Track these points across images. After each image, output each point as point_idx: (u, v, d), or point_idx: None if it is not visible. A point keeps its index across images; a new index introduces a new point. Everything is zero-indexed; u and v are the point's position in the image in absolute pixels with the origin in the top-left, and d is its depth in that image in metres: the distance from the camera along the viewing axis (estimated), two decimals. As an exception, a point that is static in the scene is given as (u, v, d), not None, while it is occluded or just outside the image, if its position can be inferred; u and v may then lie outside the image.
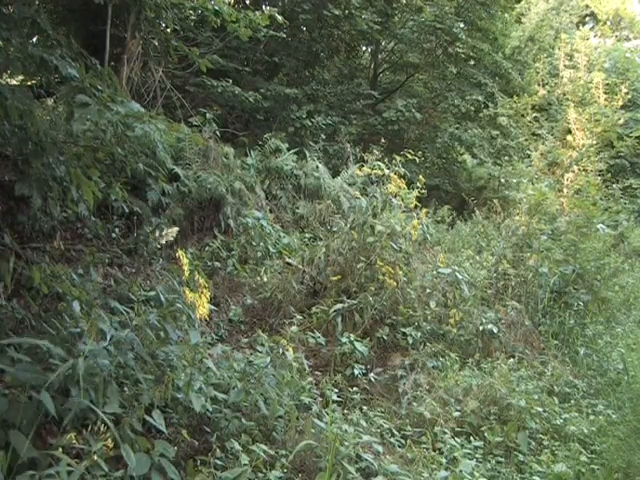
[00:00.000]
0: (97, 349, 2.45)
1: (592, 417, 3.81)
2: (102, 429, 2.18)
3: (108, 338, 2.54)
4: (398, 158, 5.88)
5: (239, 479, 2.27)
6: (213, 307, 4.44)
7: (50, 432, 2.35)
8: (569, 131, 11.50)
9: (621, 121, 11.53)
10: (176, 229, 4.89)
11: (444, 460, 3.09)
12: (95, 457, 2.06)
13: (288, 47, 10.46)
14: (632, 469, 3.08)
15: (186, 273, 3.00)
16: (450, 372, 4.10)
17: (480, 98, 12.45)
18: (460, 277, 5.15)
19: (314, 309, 4.78)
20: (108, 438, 2.14)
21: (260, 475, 2.47)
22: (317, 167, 8.15)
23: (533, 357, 4.64)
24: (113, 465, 2.18)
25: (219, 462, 2.49)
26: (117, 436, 2.17)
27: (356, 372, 4.08)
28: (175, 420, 2.74)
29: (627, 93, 11.70)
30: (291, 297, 4.98)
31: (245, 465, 2.43)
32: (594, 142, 10.98)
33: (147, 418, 2.42)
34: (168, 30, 7.05)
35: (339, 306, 4.61)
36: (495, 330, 4.65)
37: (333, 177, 8.41)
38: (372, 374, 4.11)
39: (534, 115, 12.90)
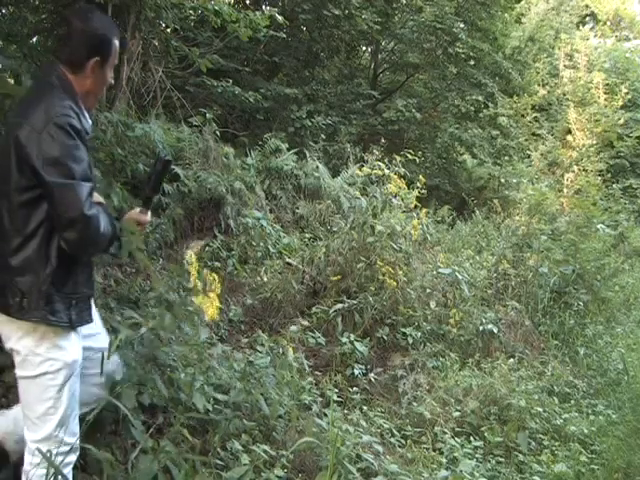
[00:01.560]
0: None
1: (592, 417, 3.81)
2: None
3: (119, 337, 2.54)
4: (398, 158, 5.88)
5: (243, 478, 2.27)
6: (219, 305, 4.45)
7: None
8: (569, 131, 11.53)
9: (621, 121, 11.55)
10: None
11: (444, 460, 3.10)
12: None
13: (288, 47, 10.45)
14: (632, 469, 3.09)
15: (194, 273, 2.98)
16: (450, 372, 4.10)
17: (480, 98, 12.44)
18: (460, 277, 5.15)
19: (314, 309, 4.78)
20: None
21: (263, 475, 2.47)
22: (317, 167, 8.15)
23: (533, 357, 4.65)
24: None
25: (220, 462, 2.50)
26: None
27: (356, 372, 4.08)
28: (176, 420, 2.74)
29: (627, 93, 11.73)
30: (291, 297, 4.98)
31: (246, 465, 2.43)
32: (594, 142, 11.01)
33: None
34: (168, 30, 7.05)
35: (339, 306, 4.61)
36: (495, 330, 4.65)
37: (333, 177, 8.40)
38: (372, 374, 4.11)
39: (534, 115, 12.93)
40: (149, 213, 2.07)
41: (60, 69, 1.83)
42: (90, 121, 1.91)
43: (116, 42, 1.90)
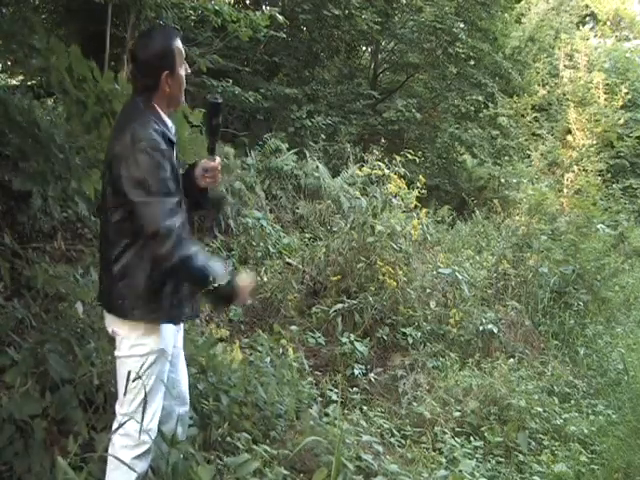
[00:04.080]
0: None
1: (592, 417, 3.81)
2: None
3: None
4: (398, 158, 5.88)
5: (245, 465, 2.27)
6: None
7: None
8: (569, 131, 11.52)
9: (621, 121, 11.54)
10: None
11: (444, 460, 3.09)
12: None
13: (288, 47, 10.46)
14: (632, 469, 3.08)
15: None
16: (450, 372, 4.10)
17: (480, 98, 12.44)
18: (460, 277, 5.15)
19: (314, 309, 4.78)
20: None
21: (263, 474, 2.46)
22: (317, 167, 8.15)
23: (533, 357, 4.65)
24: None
25: (220, 461, 2.49)
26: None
27: (356, 372, 4.08)
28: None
29: (627, 93, 11.72)
30: (291, 297, 4.98)
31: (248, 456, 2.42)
32: (594, 142, 11.00)
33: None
34: (168, 30, 7.04)
35: (339, 306, 4.61)
36: (495, 330, 4.65)
37: (333, 177, 8.41)
38: (372, 374, 4.11)
39: (534, 115, 12.91)
40: (217, 158, 2.20)
41: (143, 92, 2.06)
42: (172, 124, 2.11)
43: (176, 44, 2.06)
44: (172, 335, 2.13)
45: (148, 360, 1.99)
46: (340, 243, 5.25)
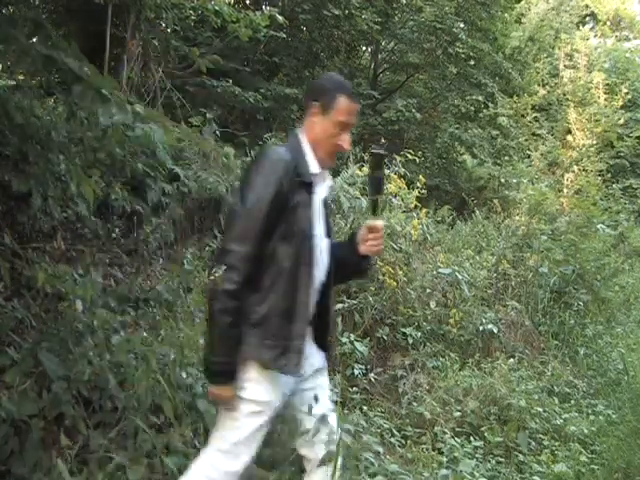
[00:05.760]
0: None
1: (592, 417, 3.81)
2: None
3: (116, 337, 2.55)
4: (398, 158, 5.88)
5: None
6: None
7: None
8: (569, 131, 11.52)
9: (621, 121, 11.55)
10: None
11: (444, 460, 3.10)
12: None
13: (288, 47, 10.46)
14: (632, 469, 3.09)
15: None
16: (450, 372, 4.10)
17: (480, 98, 12.45)
18: (460, 277, 5.15)
19: (314, 309, 4.77)
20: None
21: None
22: (317, 167, 8.14)
23: (533, 357, 4.65)
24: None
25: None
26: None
27: (356, 372, 4.08)
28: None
29: (627, 93, 11.72)
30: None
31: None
32: (594, 142, 11.00)
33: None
34: (168, 30, 7.05)
35: (339, 306, 4.61)
36: (495, 330, 4.66)
37: (333, 177, 8.39)
38: (372, 374, 4.11)
39: (534, 115, 12.91)
40: (377, 220, 2.01)
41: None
42: (319, 170, 1.98)
43: (342, 99, 1.92)
44: (285, 385, 1.88)
45: (242, 403, 1.81)
46: (340, 243, 5.24)
